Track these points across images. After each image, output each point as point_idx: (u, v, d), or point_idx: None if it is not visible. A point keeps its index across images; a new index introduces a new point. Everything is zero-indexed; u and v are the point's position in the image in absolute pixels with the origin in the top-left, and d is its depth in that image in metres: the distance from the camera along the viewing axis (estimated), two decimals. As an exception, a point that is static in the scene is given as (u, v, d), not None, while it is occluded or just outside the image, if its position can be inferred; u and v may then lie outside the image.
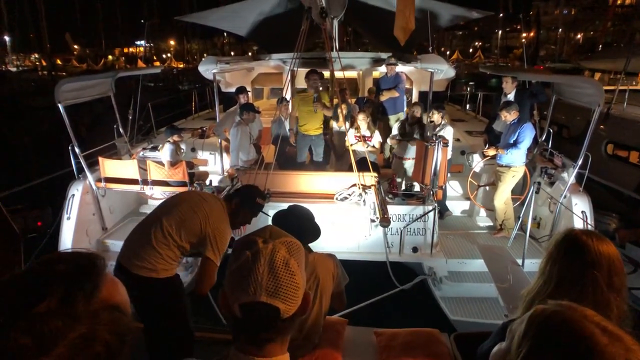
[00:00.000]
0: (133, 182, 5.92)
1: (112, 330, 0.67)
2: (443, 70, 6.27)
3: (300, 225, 2.34)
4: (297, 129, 6.71)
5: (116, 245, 5.81)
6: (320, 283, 2.24)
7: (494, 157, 5.72)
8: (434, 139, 5.18)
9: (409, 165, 6.26)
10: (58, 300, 0.62)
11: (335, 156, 7.24)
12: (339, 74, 6.00)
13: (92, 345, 0.63)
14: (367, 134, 6.25)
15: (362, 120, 6.17)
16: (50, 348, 0.59)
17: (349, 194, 5.07)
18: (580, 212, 4.97)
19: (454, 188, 6.83)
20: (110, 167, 5.91)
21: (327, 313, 2.43)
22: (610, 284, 1.36)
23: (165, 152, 6.04)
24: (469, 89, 12.54)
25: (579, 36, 45.90)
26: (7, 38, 38.82)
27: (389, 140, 6.58)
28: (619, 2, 42.34)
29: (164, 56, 56.65)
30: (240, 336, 0.98)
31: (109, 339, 0.65)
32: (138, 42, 52.16)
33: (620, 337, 0.72)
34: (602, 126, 8.57)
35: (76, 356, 0.61)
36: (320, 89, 6.52)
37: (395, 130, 6.58)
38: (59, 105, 5.37)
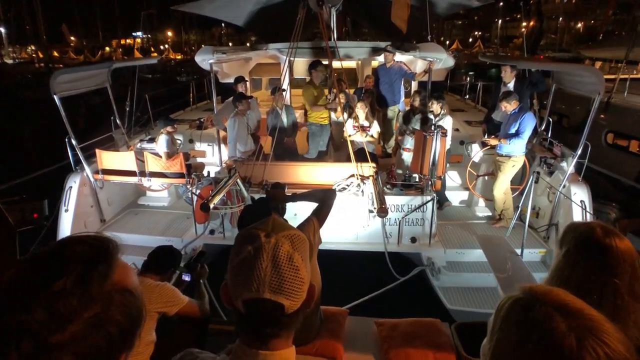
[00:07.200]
0: (131, 173, 5.90)
1: (124, 312, 0.68)
2: (442, 60, 6.21)
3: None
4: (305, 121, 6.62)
5: (115, 237, 5.81)
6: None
7: (493, 146, 5.69)
8: (433, 129, 5.14)
9: (407, 156, 6.23)
10: (74, 280, 0.64)
11: (334, 147, 7.21)
12: (336, 64, 5.94)
13: (105, 325, 0.65)
14: (366, 123, 6.20)
15: (360, 109, 6.11)
16: (66, 325, 0.61)
17: (347, 185, 5.05)
18: (579, 201, 4.95)
19: (452, 178, 6.81)
20: (107, 159, 5.88)
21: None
22: (631, 291, 1.31)
23: (161, 144, 6.01)
24: (468, 78, 12.45)
25: (579, 25, 45.53)
26: (2, 30, 38.44)
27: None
28: (620, -10, 41.91)
29: (161, 47, 56.21)
30: (245, 330, 0.96)
31: (121, 320, 0.67)
32: (135, 34, 51.85)
33: (579, 314, 0.73)
34: (602, 115, 8.53)
35: (90, 335, 0.63)
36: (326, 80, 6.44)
37: (400, 121, 6.55)
38: (55, 96, 5.33)
